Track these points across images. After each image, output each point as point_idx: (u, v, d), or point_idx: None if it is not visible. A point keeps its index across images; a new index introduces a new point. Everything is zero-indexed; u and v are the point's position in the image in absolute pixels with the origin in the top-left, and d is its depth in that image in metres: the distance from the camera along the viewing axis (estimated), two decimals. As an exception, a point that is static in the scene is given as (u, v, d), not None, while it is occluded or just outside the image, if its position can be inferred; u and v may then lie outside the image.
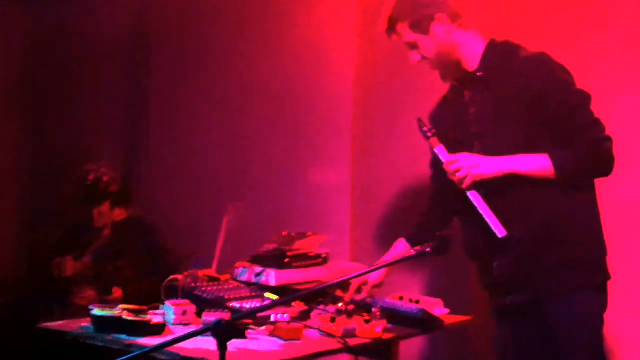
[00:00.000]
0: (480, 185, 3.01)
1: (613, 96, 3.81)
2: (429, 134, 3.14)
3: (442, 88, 3.37)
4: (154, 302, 3.40)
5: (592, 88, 3.10)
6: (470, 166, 3.00)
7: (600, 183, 3.12)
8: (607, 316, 3.10)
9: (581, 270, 3.02)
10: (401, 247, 3.44)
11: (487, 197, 3.01)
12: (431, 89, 3.45)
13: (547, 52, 3.09)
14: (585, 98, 3.03)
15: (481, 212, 3.00)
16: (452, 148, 3.11)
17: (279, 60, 4.95)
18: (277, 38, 4.96)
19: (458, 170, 3.02)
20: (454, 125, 3.18)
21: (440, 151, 3.11)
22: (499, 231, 2.97)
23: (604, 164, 3.02)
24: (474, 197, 3.02)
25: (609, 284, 3.11)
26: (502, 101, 3.05)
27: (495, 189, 3.00)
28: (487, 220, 2.98)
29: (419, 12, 3.12)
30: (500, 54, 3.12)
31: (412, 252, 2.80)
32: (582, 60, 3.76)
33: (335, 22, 4.71)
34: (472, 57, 3.14)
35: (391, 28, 3.20)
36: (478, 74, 3.12)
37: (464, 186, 3.02)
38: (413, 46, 3.17)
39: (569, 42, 3.96)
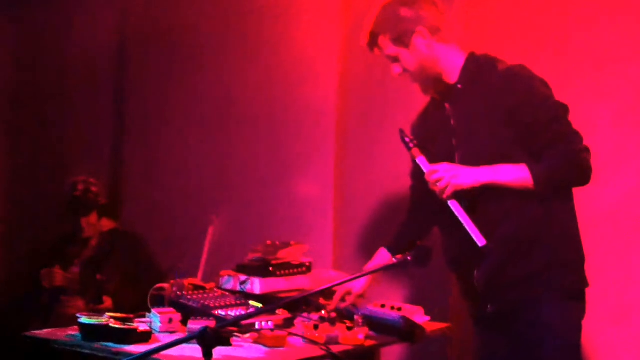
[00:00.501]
0: (460, 195, 3.07)
1: (591, 105, 3.89)
2: (411, 145, 3.20)
3: (423, 100, 3.42)
4: (142, 311, 3.44)
5: (570, 98, 3.16)
6: (450, 176, 3.05)
7: (577, 191, 3.18)
8: (584, 323, 3.15)
9: (559, 277, 3.07)
10: (383, 256, 3.49)
11: (466, 207, 3.06)
12: (413, 100, 3.51)
13: (526, 63, 3.15)
14: (562, 110, 3.08)
15: (462, 221, 3.04)
16: (433, 159, 3.16)
17: (262, 71, 4.98)
18: (258, 50, 5.00)
19: (439, 181, 3.07)
20: (434, 136, 3.23)
21: (422, 162, 3.17)
22: (479, 240, 3.00)
23: (582, 175, 3.06)
24: (454, 206, 3.06)
25: (587, 291, 3.17)
26: (480, 113, 3.10)
27: (474, 199, 3.05)
28: (468, 229, 3.02)
29: (401, 26, 3.17)
30: (479, 67, 3.17)
31: (394, 260, 2.84)
32: (561, 71, 3.85)
33: (317, 34, 4.75)
34: (452, 70, 3.20)
35: (373, 42, 3.25)
36: (458, 86, 3.17)
37: (444, 196, 3.06)
38: (394, 59, 3.23)
39: (549, 52, 4.03)
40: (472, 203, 3.05)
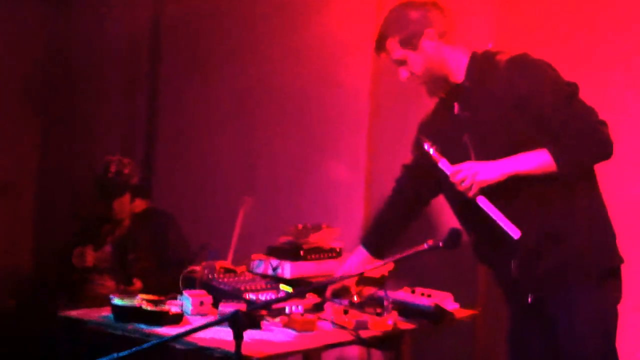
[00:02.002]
0: (485, 191, 3.06)
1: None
2: (431, 150, 3.19)
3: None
4: (172, 292, 3.46)
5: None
6: (474, 174, 3.05)
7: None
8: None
9: (593, 258, 3.06)
10: (359, 255, 3.60)
11: (493, 201, 3.06)
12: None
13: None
14: (572, 89, 3.07)
15: (493, 216, 3.03)
16: (448, 160, 3.16)
17: (293, 51, 4.97)
18: (290, 30, 4.99)
19: (464, 180, 3.06)
20: (446, 137, 3.22)
21: (444, 164, 3.16)
22: (514, 233, 3.00)
23: (602, 148, 3.04)
24: (483, 203, 3.06)
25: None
26: (491, 106, 3.10)
27: (500, 192, 3.05)
28: (500, 223, 3.02)
29: (409, 28, 3.18)
30: (483, 62, 3.17)
31: (425, 246, 2.86)
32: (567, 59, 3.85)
33: (350, 13, 4.72)
34: (458, 70, 3.20)
35: (381, 45, 3.26)
36: (466, 84, 3.17)
37: (471, 194, 3.06)
38: (402, 62, 3.23)
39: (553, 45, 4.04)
40: (499, 196, 3.04)
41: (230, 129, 5.29)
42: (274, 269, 3.74)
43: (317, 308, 3.44)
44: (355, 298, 3.46)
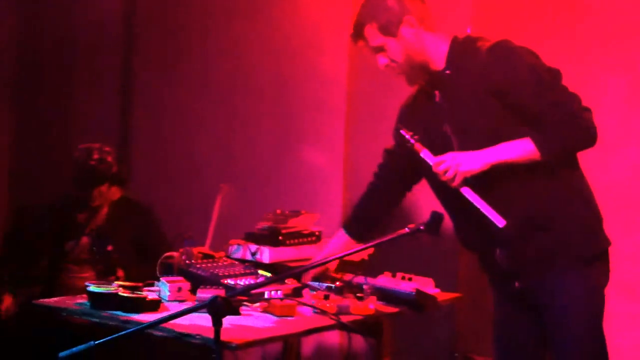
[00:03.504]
0: (470, 180, 3.03)
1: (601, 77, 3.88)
2: (412, 140, 3.15)
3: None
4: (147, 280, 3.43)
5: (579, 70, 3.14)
6: (457, 164, 3.01)
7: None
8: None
9: (580, 242, 3.05)
10: (339, 238, 3.57)
11: (476, 190, 3.03)
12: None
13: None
14: (556, 74, 3.04)
15: (477, 206, 3.01)
16: (429, 149, 3.13)
17: (270, 39, 4.96)
18: (267, 18, 4.97)
19: (447, 171, 3.03)
20: (427, 127, 3.18)
21: (426, 155, 3.12)
22: (499, 222, 2.98)
23: (585, 135, 3.01)
24: (467, 193, 3.03)
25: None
26: (472, 94, 3.06)
27: (484, 181, 3.02)
28: (485, 213, 3.00)
29: (389, 14, 3.13)
30: (464, 49, 3.13)
31: (406, 230, 2.83)
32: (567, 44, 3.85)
33: (328, 3, 4.72)
34: (438, 57, 3.15)
35: (358, 33, 3.19)
36: (447, 72, 3.13)
37: (454, 185, 3.04)
38: (380, 50, 3.17)
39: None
40: (482, 185, 3.02)
41: (207, 116, 5.26)
42: (253, 254, 3.71)
43: (297, 293, 3.41)
44: (337, 283, 3.43)
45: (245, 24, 5.06)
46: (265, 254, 3.69)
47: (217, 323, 2.45)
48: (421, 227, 2.78)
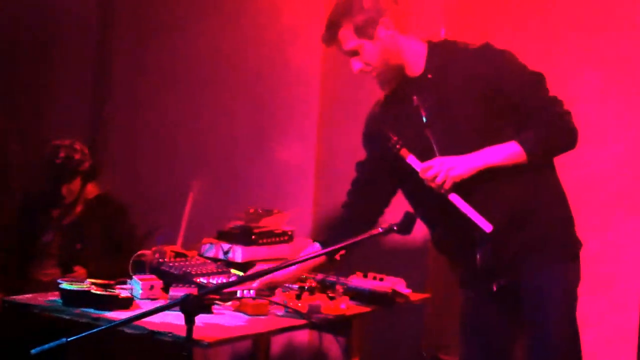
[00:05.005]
0: (457, 186, 3.00)
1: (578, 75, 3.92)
2: (397, 146, 3.08)
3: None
4: (119, 278, 3.42)
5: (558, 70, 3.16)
6: (447, 169, 2.96)
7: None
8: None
9: (556, 241, 3.06)
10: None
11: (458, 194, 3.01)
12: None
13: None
14: (539, 77, 3.06)
15: (464, 212, 2.98)
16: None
17: (243, 32, 4.94)
18: (240, 10, 4.95)
19: (436, 176, 2.98)
20: (404, 131, 3.10)
21: (413, 161, 3.05)
22: (486, 227, 2.96)
23: (569, 138, 3.04)
24: (455, 199, 3.00)
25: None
26: (456, 98, 3.03)
27: (462, 185, 2.99)
28: (472, 218, 2.97)
29: (364, 16, 3.04)
30: (444, 53, 3.09)
31: (379, 230, 2.81)
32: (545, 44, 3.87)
33: (303, -1, 4.73)
34: (414, 60, 3.09)
35: (332, 35, 3.10)
36: (428, 76, 3.07)
37: (443, 190, 2.99)
38: (354, 53, 3.09)
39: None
40: (464, 188, 2.99)
41: (180, 111, 5.23)
42: (225, 253, 3.71)
43: (269, 292, 3.41)
44: (309, 282, 3.44)
45: (221, 19, 5.04)
46: (238, 253, 3.70)
47: (189, 321, 2.44)
48: (394, 228, 2.76)
